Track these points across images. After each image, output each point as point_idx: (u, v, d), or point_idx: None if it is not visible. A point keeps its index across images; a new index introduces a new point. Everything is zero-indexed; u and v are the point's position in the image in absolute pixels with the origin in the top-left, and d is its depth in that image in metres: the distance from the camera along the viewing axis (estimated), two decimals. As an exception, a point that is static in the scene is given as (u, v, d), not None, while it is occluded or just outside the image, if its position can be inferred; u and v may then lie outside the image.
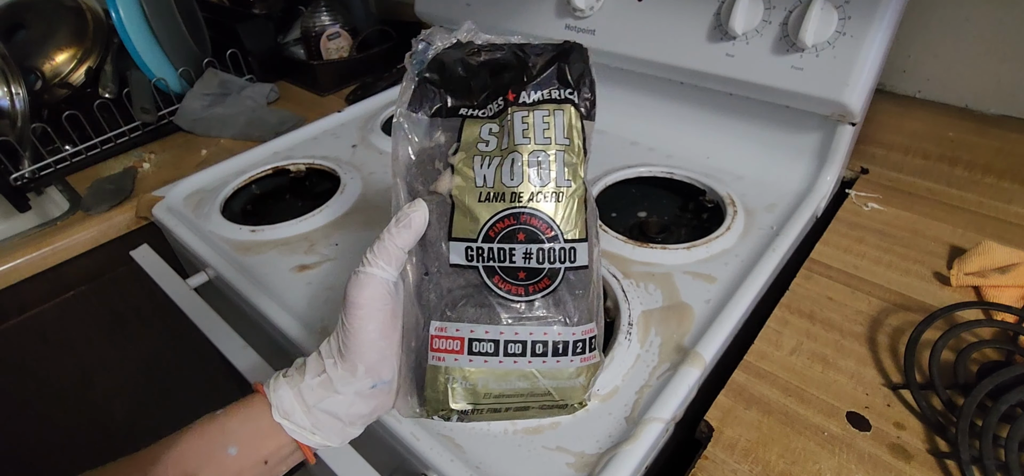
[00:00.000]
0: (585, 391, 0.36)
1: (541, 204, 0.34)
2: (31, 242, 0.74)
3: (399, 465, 0.45)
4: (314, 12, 1.07)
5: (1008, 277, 0.50)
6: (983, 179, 0.63)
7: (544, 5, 0.78)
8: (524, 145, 0.34)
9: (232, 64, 1.05)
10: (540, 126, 0.35)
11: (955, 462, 0.38)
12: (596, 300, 0.37)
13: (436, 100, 0.37)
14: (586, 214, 0.35)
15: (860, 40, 0.55)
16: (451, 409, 0.35)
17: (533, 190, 0.34)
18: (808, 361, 0.47)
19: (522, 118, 0.35)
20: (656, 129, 0.76)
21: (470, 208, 0.34)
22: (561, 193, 0.34)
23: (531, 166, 0.34)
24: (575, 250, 0.34)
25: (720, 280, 0.53)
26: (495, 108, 0.36)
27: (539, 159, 0.34)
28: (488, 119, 0.36)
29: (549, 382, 0.35)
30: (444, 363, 0.34)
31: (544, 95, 0.36)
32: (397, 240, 0.34)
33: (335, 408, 0.35)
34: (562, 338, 0.34)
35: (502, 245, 0.34)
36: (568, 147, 0.35)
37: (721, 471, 0.39)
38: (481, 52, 0.38)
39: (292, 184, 0.79)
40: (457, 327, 0.34)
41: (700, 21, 0.64)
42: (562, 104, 0.36)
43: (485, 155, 0.35)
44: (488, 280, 0.34)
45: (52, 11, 0.95)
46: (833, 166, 0.63)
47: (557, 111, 0.35)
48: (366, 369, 0.35)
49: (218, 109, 0.95)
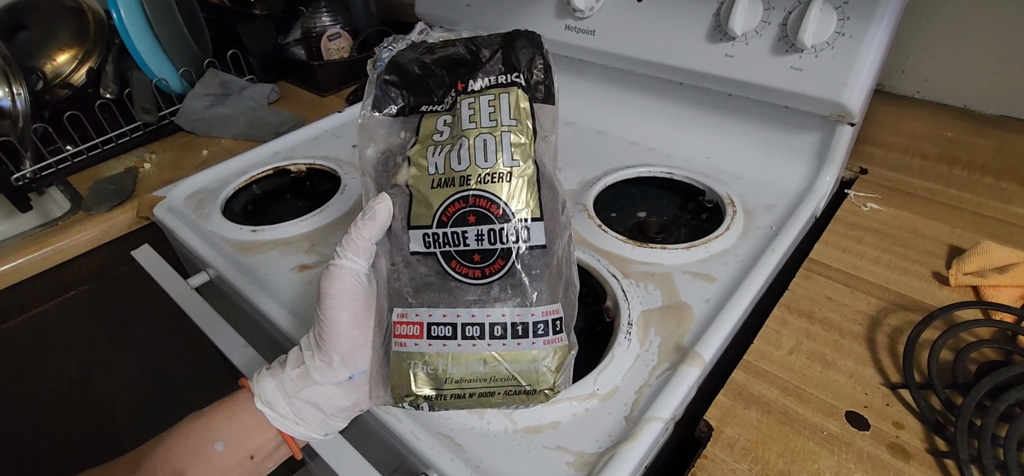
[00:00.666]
0: (554, 376, 0.35)
1: (489, 185, 0.34)
2: (32, 242, 0.74)
3: (400, 464, 0.45)
4: (315, 13, 1.08)
5: (1007, 277, 0.50)
6: (982, 179, 0.63)
7: (544, 6, 0.78)
8: (470, 129, 0.35)
9: (233, 64, 1.05)
10: (486, 110, 0.36)
11: (954, 461, 0.38)
12: (564, 283, 0.36)
13: (397, 100, 0.39)
14: (541, 193, 0.35)
15: (859, 40, 0.55)
16: (416, 394, 0.35)
17: (480, 172, 0.34)
18: (807, 361, 0.47)
19: (469, 104, 0.36)
20: (656, 129, 0.76)
21: (425, 196, 0.35)
22: (510, 173, 0.34)
23: (478, 149, 0.35)
24: (529, 229, 0.34)
25: (719, 280, 0.54)
26: (449, 101, 0.37)
27: (485, 141, 0.35)
28: (444, 112, 0.37)
29: (512, 366, 0.35)
30: (405, 348, 0.35)
31: (490, 81, 0.37)
32: (364, 233, 0.35)
33: (315, 398, 0.36)
34: (521, 319, 0.34)
35: (455, 229, 0.34)
36: (515, 128, 0.35)
37: (720, 470, 0.39)
38: (435, 50, 0.39)
39: (293, 184, 0.79)
40: (417, 312, 0.35)
41: (700, 22, 0.65)
42: (508, 87, 0.36)
43: (438, 145, 0.36)
44: (446, 266, 0.35)
45: (53, 12, 0.96)
46: (832, 166, 0.63)
47: (503, 94, 0.36)
48: (341, 359, 0.36)
49: (219, 109, 0.95)
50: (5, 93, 0.84)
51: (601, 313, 0.52)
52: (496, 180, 0.34)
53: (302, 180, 0.78)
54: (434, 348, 0.35)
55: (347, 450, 0.42)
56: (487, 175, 0.34)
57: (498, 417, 0.42)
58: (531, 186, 0.35)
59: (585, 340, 0.50)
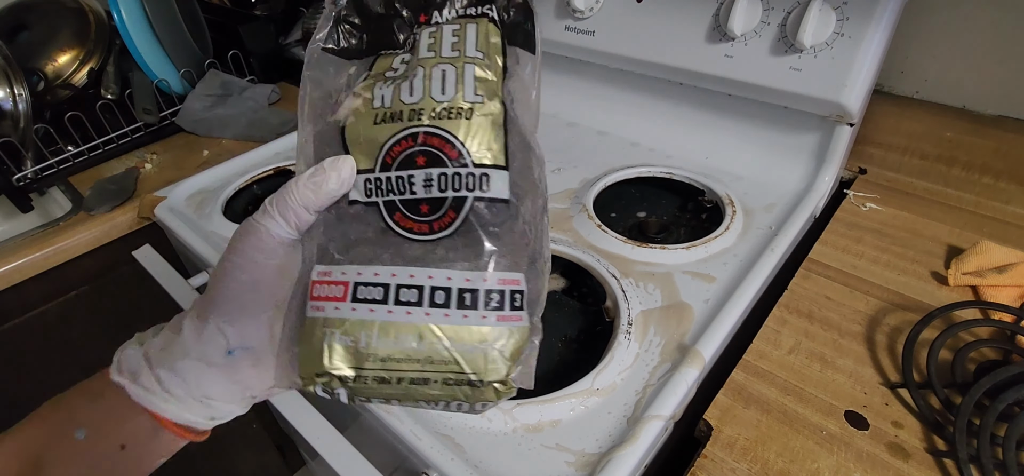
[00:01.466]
0: (507, 366, 0.27)
1: (445, 122, 0.28)
2: (34, 242, 0.74)
3: (399, 464, 0.45)
4: (315, 14, 1.08)
5: (1005, 277, 0.50)
6: (981, 179, 0.63)
7: (544, 6, 0.78)
8: (428, 59, 0.30)
9: (234, 65, 1.05)
10: (448, 40, 0.30)
11: (953, 461, 0.38)
12: (530, 254, 0.30)
13: (351, 37, 0.33)
14: (509, 140, 0.29)
15: (858, 41, 0.55)
16: (329, 372, 0.27)
17: (435, 106, 0.28)
18: (807, 360, 0.47)
19: (429, 34, 0.31)
20: (656, 129, 0.76)
21: (368, 134, 0.29)
22: (471, 110, 0.28)
23: (434, 80, 0.29)
24: (488, 177, 0.28)
25: (719, 280, 0.54)
26: (412, 42, 0.32)
27: (444, 72, 0.29)
28: (403, 51, 0.32)
29: (454, 346, 0.27)
30: (322, 313, 0.28)
31: (457, 12, 0.31)
32: (302, 198, 0.28)
33: (183, 370, 0.28)
34: (470, 285, 0.27)
35: (400, 172, 0.28)
36: (481, 61, 0.30)
37: (720, 470, 0.40)
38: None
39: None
40: (343, 270, 0.28)
41: (699, 22, 0.65)
42: (477, 19, 0.31)
43: (389, 80, 0.30)
44: (390, 219, 0.28)
45: (54, 13, 0.96)
46: (831, 166, 0.63)
47: (470, 24, 0.31)
48: (220, 324, 0.28)
49: (220, 110, 0.95)
50: (6, 94, 0.84)
51: (601, 313, 0.52)
52: (454, 117, 0.28)
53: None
54: (358, 314, 0.27)
55: (347, 449, 0.42)
56: (444, 110, 0.28)
57: (498, 415, 0.42)
58: (495, 128, 0.29)
59: (585, 340, 0.51)
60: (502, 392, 0.28)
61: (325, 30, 0.32)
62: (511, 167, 0.29)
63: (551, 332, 0.52)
